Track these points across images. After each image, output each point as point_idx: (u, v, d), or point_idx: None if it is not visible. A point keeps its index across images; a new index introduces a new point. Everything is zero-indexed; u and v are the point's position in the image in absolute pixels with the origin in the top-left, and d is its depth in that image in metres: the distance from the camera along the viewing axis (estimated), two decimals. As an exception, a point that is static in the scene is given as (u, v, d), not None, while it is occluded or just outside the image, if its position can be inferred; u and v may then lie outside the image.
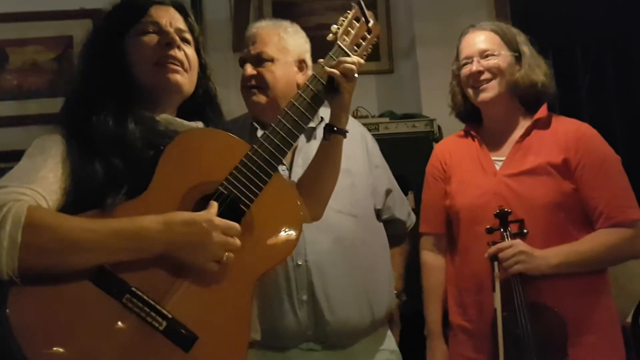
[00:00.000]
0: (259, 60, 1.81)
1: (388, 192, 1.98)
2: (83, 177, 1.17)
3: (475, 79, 1.85)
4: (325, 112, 1.57)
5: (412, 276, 2.09)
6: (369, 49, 1.47)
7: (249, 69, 1.81)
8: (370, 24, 1.47)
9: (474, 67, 1.84)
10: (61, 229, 1.08)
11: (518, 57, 1.86)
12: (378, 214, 1.95)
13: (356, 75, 1.39)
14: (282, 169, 1.75)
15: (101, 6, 1.42)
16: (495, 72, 1.83)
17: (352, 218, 1.80)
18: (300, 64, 1.86)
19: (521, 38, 1.89)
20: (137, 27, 1.32)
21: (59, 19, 3.05)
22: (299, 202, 1.35)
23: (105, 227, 1.11)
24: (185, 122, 1.33)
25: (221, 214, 1.20)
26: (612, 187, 1.75)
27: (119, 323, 1.10)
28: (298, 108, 1.35)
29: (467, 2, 3.15)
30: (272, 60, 1.80)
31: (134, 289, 1.11)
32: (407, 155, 2.62)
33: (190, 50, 1.35)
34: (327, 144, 1.46)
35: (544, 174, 1.76)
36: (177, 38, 1.32)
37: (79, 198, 1.15)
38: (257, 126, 1.84)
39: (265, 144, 1.30)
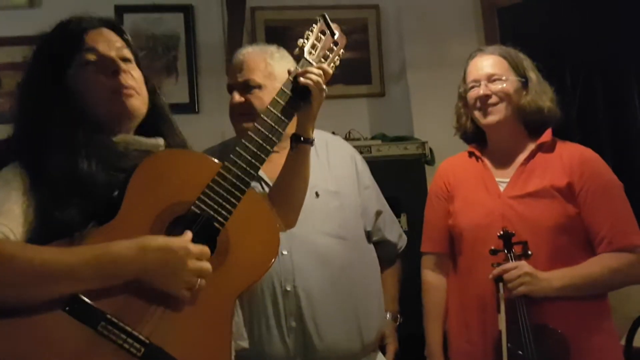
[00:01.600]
0: (247, 87, 1.80)
1: (378, 213, 1.97)
2: (46, 211, 1.14)
3: (483, 102, 1.86)
4: None
5: (407, 298, 2.08)
6: (336, 61, 1.48)
7: (237, 97, 1.81)
8: (336, 36, 1.47)
9: (482, 90, 1.86)
10: (28, 260, 1.05)
11: (524, 83, 1.87)
12: (368, 235, 1.95)
13: (324, 87, 1.39)
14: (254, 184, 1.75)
15: None
16: (502, 97, 1.84)
17: (341, 240, 1.80)
18: None
19: (528, 64, 1.91)
20: (77, 59, 1.28)
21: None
22: (274, 216, 1.34)
23: (74, 255, 1.08)
24: (144, 140, 1.31)
25: (195, 234, 1.18)
26: (615, 213, 1.77)
27: (96, 352, 1.07)
28: (268, 122, 1.34)
29: (457, 26, 3.20)
30: (259, 87, 1.79)
31: (108, 316, 1.08)
32: (399, 177, 2.64)
33: (134, 70, 1.33)
34: (294, 154, 1.45)
35: (547, 197, 1.77)
36: (120, 63, 1.29)
37: (45, 231, 1.12)
38: None
39: (238, 160, 1.28)
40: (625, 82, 2.96)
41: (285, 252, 1.72)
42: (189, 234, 1.17)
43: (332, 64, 1.46)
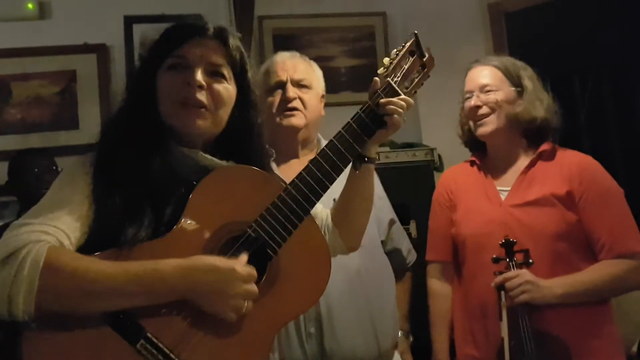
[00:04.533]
0: (300, 85, 1.86)
1: (391, 222, 1.99)
2: (105, 211, 1.14)
3: (474, 113, 1.89)
4: None
5: (416, 305, 2.08)
6: (420, 85, 1.38)
7: (292, 91, 1.84)
8: (425, 59, 1.38)
9: (473, 101, 1.89)
10: (79, 274, 1.05)
11: (520, 92, 1.89)
12: (382, 245, 1.95)
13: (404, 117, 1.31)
14: None
15: (104, 41, 1.41)
16: (493, 107, 1.87)
17: (359, 248, 1.80)
18: (322, 98, 1.94)
19: (526, 73, 1.92)
20: (167, 62, 1.26)
21: (62, 53, 3.09)
22: (327, 248, 1.29)
23: (125, 272, 1.07)
24: (217, 160, 1.26)
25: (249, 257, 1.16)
26: (615, 219, 1.77)
27: None
28: (339, 147, 1.26)
29: (465, 33, 3.20)
30: (310, 87, 1.87)
31: (149, 334, 1.08)
32: (408, 184, 2.64)
33: (221, 86, 1.27)
34: (357, 174, 1.37)
35: (548, 205, 1.78)
36: (198, 78, 1.23)
37: (102, 233, 1.13)
38: (273, 151, 1.85)
39: (301, 185, 1.23)
40: (634, 87, 2.95)
41: None
42: (244, 257, 1.14)
43: (414, 91, 1.37)
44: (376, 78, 1.32)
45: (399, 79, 1.33)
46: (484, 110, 1.88)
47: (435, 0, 3.19)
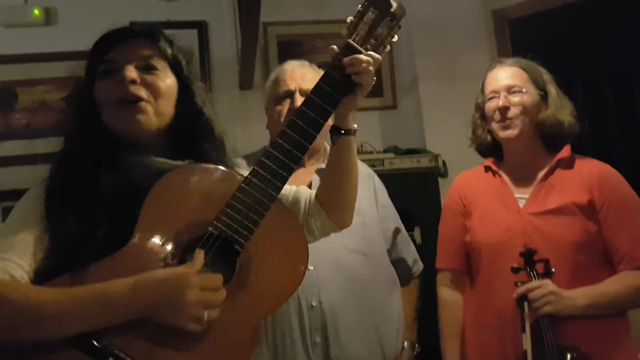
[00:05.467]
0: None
1: (396, 231, 1.97)
2: (60, 234, 1.13)
3: (502, 114, 1.83)
4: None
5: (422, 314, 2.05)
6: (390, 38, 1.25)
7: (301, 100, 1.81)
8: (393, 8, 1.23)
9: (501, 101, 1.83)
10: (24, 304, 1.04)
11: (543, 96, 1.85)
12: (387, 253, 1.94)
13: (371, 69, 1.21)
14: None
15: None
16: (521, 110, 1.82)
17: (364, 257, 1.80)
18: None
19: (547, 77, 1.88)
20: (99, 70, 1.25)
21: (68, 59, 3.10)
22: (302, 232, 1.25)
23: (71, 297, 1.05)
24: (170, 162, 1.23)
25: (212, 258, 1.11)
26: (635, 230, 1.74)
27: None
28: (300, 124, 1.18)
29: (468, 39, 3.20)
30: None
31: (116, 351, 1.05)
32: (412, 190, 2.63)
33: (155, 77, 1.25)
34: (337, 148, 1.31)
35: (569, 214, 1.74)
36: (129, 73, 1.21)
37: (60, 257, 1.11)
38: None
39: (261, 171, 1.16)
40: (638, 93, 2.95)
41: (311, 268, 1.71)
42: (198, 262, 1.09)
43: (382, 47, 1.25)
44: (333, 46, 1.24)
45: (362, 36, 1.22)
46: (513, 112, 1.82)
47: (440, 7, 3.19)
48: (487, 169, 1.95)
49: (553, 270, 1.68)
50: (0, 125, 3.02)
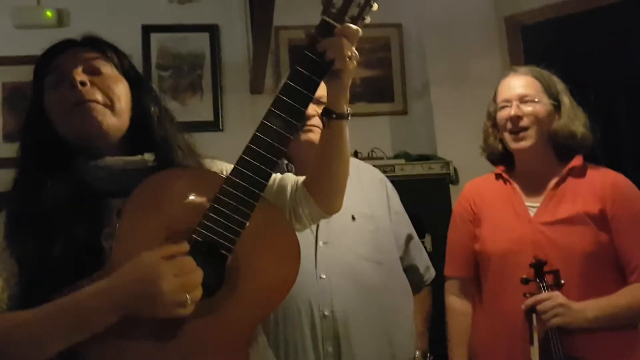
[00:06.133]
0: (320, 102, 1.82)
1: (409, 238, 1.96)
2: (21, 257, 1.10)
3: (514, 124, 1.81)
4: None
5: (431, 321, 2.04)
6: (370, 8, 1.16)
7: (313, 108, 1.78)
8: None
9: (513, 111, 1.81)
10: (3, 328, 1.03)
11: (557, 106, 1.82)
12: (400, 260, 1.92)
13: (353, 53, 1.15)
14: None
15: (122, 50, 1.40)
16: (533, 120, 1.79)
17: (376, 265, 1.79)
18: None
19: (561, 87, 1.86)
20: (46, 82, 1.23)
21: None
22: (291, 228, 1.20)
23: (42, 316, 1.01)
24: (127, 158, 1.20)
25: (200, 265, 1.05)
26: None
27: None
28: (280, 114, 1.11)
29: (480, 44, 3.19)
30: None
31: None
32: (423, 197, 2.62)
33: (105, 78, 1.23)
34: (328, 132, 1.25)
35: (580, 224, 1.72)
36: (78, 77, 1.19)
37: (25, 281, 1.09)
38: (293, 167, 1.84)
39: (243, 169, 1.10)
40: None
41: (323, 276, 1.70)
42: (167, 248, 1.04)
43: (361, 19, 1.17)
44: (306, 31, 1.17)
45: (338, 9, 1.14)
46: (525, 122, 1.80)
47: (452, 12, 3.18)
48: (498, 176, 1.93)
49: (563, 281, 1.66)
50: (13, 126, 3.02)
